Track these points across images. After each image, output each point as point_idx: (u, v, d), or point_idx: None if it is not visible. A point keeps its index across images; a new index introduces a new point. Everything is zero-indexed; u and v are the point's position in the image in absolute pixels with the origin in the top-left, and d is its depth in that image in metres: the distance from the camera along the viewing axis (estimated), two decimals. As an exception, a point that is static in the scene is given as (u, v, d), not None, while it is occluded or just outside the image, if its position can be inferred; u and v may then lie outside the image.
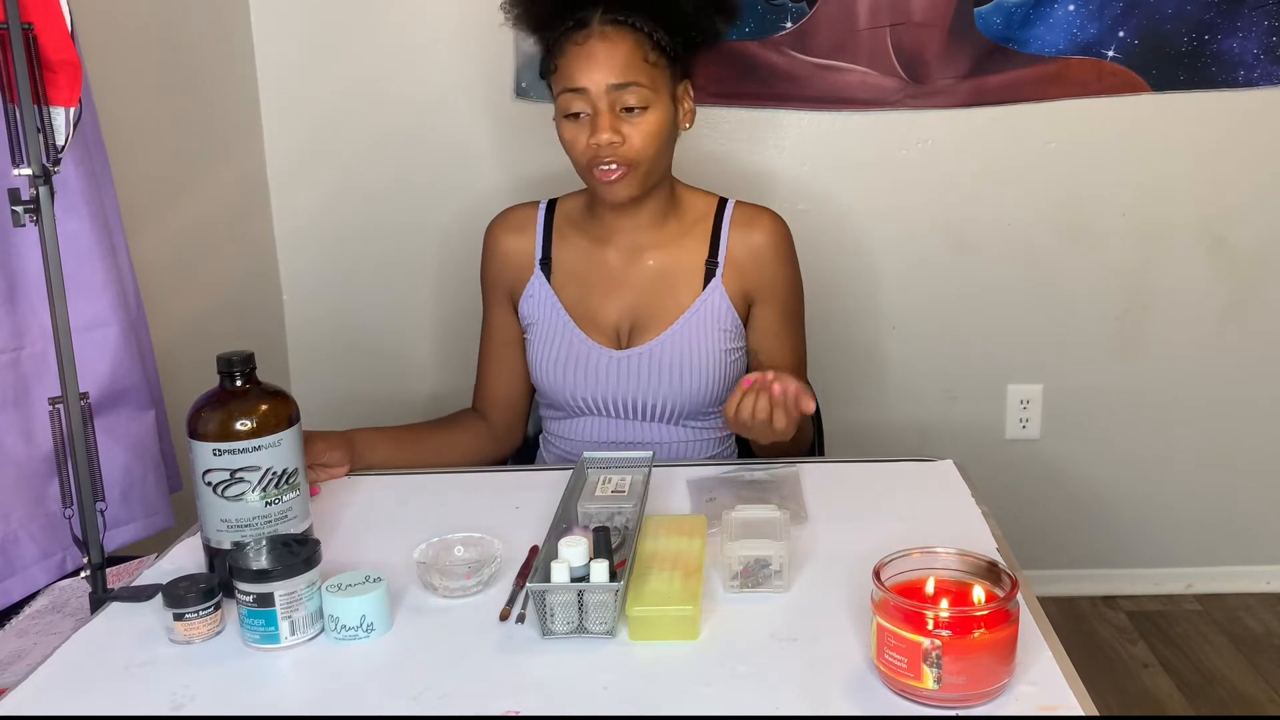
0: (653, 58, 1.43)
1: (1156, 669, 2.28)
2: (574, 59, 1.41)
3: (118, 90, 1.66)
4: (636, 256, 1.55)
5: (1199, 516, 2.52)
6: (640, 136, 1.42)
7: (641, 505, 1.20)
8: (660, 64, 1.44)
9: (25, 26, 1.08)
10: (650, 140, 1.43)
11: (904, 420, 2.44)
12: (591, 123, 1.41)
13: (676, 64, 1.47)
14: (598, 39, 1.41)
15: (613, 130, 1.40)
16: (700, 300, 1.53)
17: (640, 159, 1.43)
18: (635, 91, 1.41)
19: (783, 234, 1.56)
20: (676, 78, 1.48)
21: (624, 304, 1.55)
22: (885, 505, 1.31)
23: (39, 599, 1.33)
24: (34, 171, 1.09)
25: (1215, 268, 2.37)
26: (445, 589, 1.10)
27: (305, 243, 2.36)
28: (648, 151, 1.43)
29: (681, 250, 1.55)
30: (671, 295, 1.54)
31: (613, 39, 1.41)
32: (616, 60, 1.40)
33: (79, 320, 1.27)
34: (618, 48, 1.40)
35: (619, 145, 1.41)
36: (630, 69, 1.40)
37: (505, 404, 1.63)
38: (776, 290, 1.56)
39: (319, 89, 2.27)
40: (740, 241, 1.54)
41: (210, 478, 1.09)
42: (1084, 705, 0.91)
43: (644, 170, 1.44)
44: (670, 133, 1.47)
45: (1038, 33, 2.20)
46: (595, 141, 1.41)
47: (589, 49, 1.40)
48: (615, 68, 1.40)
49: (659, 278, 1.54)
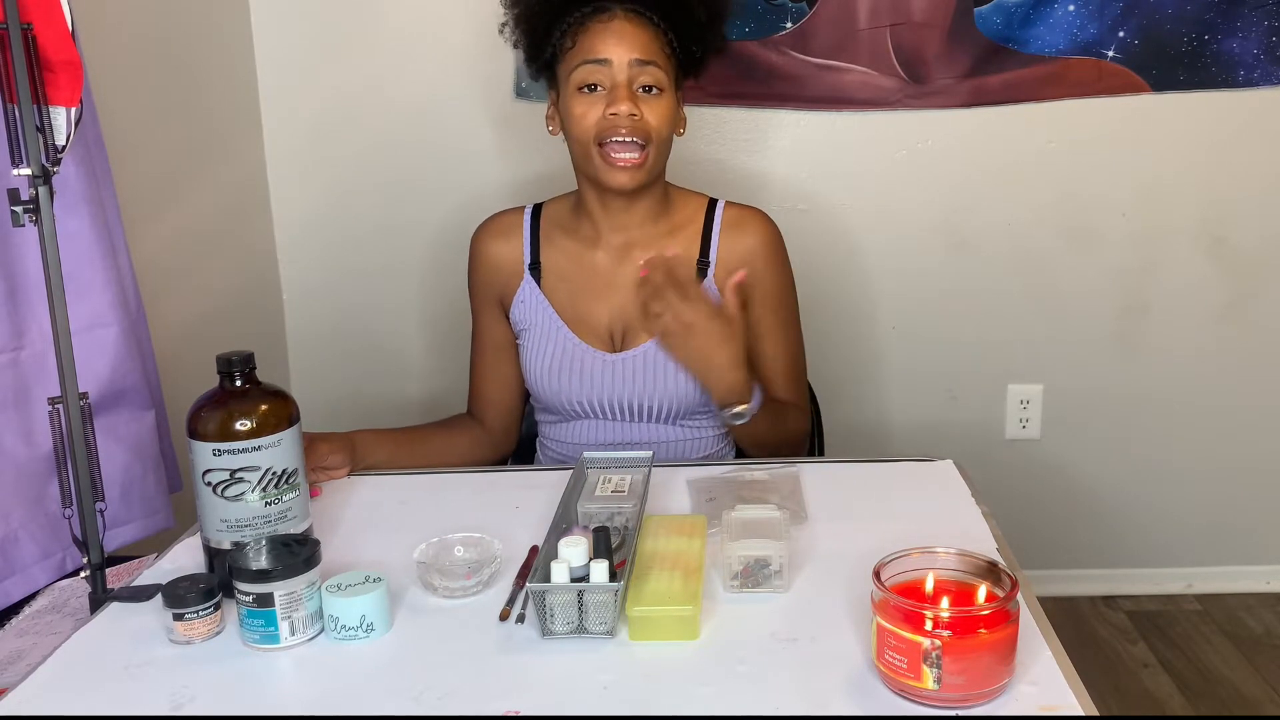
0: (667, 51, 1.46)
1: (1156, 669, 2.28)
2: (598, 34, 1.44)
3: (118, 90, 1.66)
4: (626, 257, 1.55)
5: (1199, 516, 2.52)
6: (656, 117, 1.44)
7: (641, 505, 1.20)
8: (672, 60, 1.47)
9: (25, 26, 1.08)
10: (664, 122, 1.45)
11: (904, 420, 2.44)
12: (610, 94, 1.43)
13: (679, 71, 1.50)
14: (623, 19, 1.44)
15: (632, 102, 1.42)
16: None
17: (655, 138, 1.45)
18: (654, 72, 1.44)
19: (773, 235, 1.56)
20: (679, 80, 1.50)
21: (615, 306, 1.55)
22: (885, 505, 1.31)
23: (39, 599, 1.33)
24: (34, 171, 1.10)
25: (1215, 268, 2.37)
26: (445, 589, 1.10)
27: (305, 243, 2.36)
28: (661, 132, 1.45)
29: (671, 251, 1.54)
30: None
31: (636, 23, 1.44)
32: (641, 39, 1.44)
33: (79, 320, 1.27)
34: (641, 30, 1.44)
35: (638, 119, 1.42)
36: (651, 50, 1.44)
37: (499, 409, 1.63)
38: (769, 291, 1.56)
39: (319, 89, 2.27)
40: (731, 243, 1.54)
41: (210, 478, 1.09)
42: (1084, 705, 0.90)
43: (654, 155, 1.46)
44: (674, 127, 1.49)
45: (1038, 33, 2.20)
46: (614, 111, 1.42)
47: (615, 26, 1.43)
48: (640, 45, 1.43)
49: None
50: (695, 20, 1.48)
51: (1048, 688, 0.93)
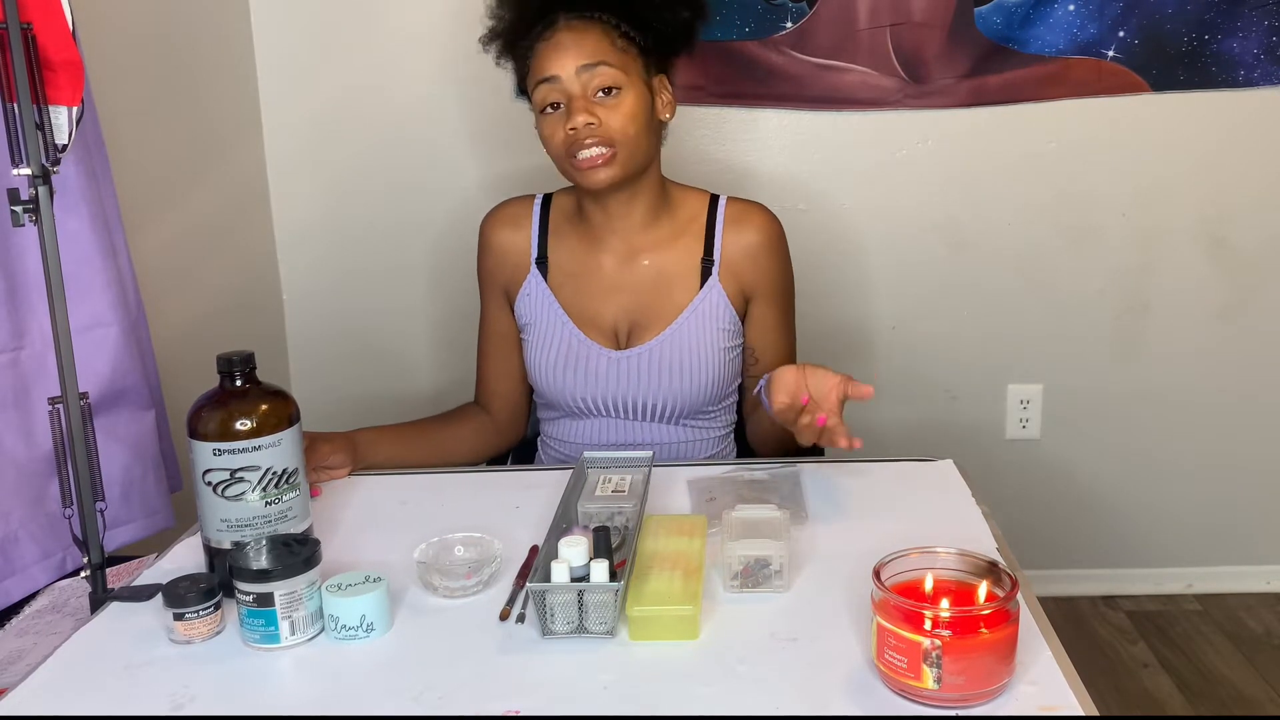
0: (621, 44, 1.44)
1: (1156, 669, 2.28)
2: (543, 52, 1.43)
3: (118, 90, 1.66)
4: (632, 259, 1.55)
5: (1199, 516, 2.52)
6: (617, 118, 1.42)
7: (641, 505, 1.20)
8: (630, 51, 1.44)
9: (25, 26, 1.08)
10: (628, 121, 1.42)
11: (904, 420, 2.44)
12: (566, 109, 1.42)
13: (649, 55, 1.47)
14: (564, 31, 1.43)
15: (587, 113, 1.40)
16: (699, 299, 1.53)
17: (619, 139, 1.42)
18: (604, 72, 1.41)
19: (776, 230, 1.56)
20: (650, 69, 1.48)
21: (621, 305, 1.55)
22: (885, 505, 1.31)
23: (39, 599, 1.33)
24: (33, 171, 1.10)
25: (1215, 268, 2.37)
26: (445, 589, 1.10)
27: (305, 242, 2.36)
28: (626, 132, 1.42)
29: (676, 250, 1.54)
30: (669, 295, 1.54)
31: (579, 29, 1.43)
32: (585, 45, 1.42)
33: (79, 320, 1.27)
34: (585, 35, 1.42)
35: (595, 126, 1.41)
36: (598, 51, 1.42)
37: (506, 397, 1.63)
38: (773, 286, 1.56)
39: (319, 89, 2.27)
40: (734, 239, 1.54)
41: (210, 477, 1.09)
42: (1084, 705, 0.90)
43: (625, 153, 1.43)
44: (648, 118, 1.46)
45: (1038, 33, 2.20)
46: (572, 126, 1.41)
47: (557, 40, 1.42)
48: (584, 51, 1.41)
49: (656, 278, 1.54)
50: (648, 3, 1.45)
51: (1048, 688, 0.93)
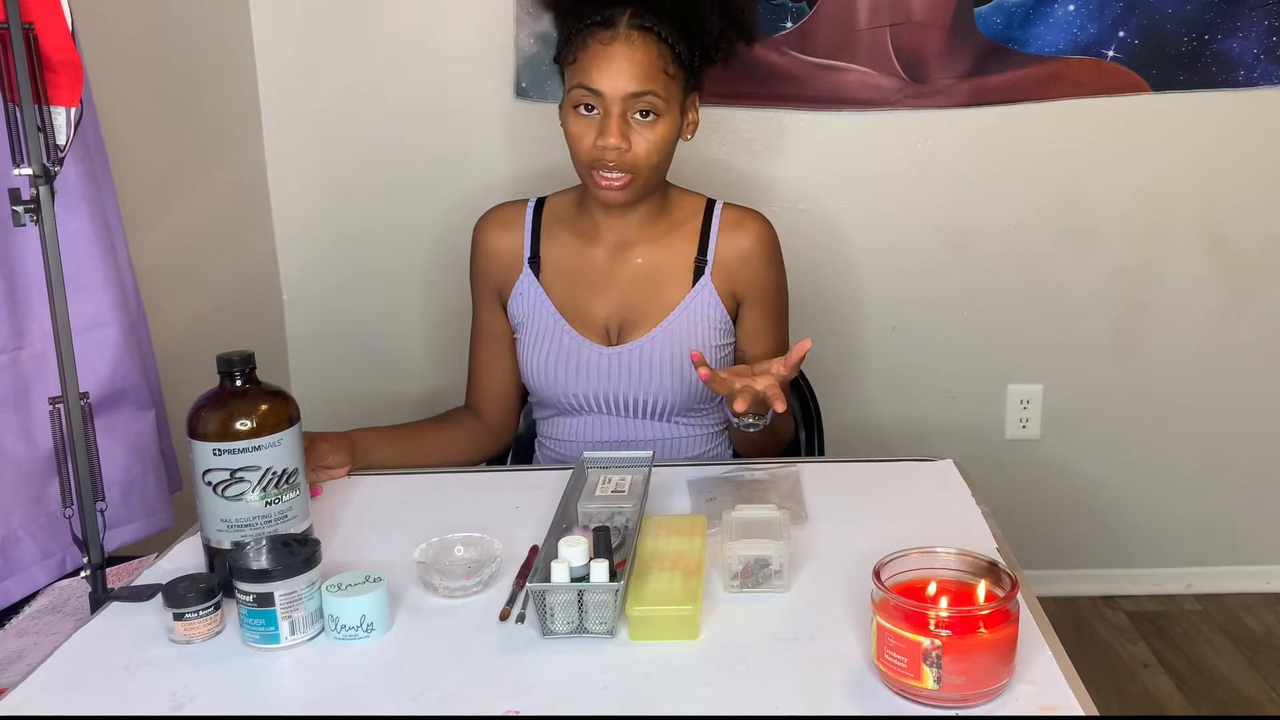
0: (672, 70, 1.43)
1: (1156, 669, 2.28)
2: (596, 58, 1.41)
3: (118, 90, 1.66)
4: (625, 254, 1.55)
5: (1199, 516, 2.52)
6: (646, 145, 1.42)
7: (641, 505, 1.20)
8: (677, 76, 1.44)
9: (26, 26, 1.08)
10: (655, 150, 1.43)
11: (904, 420, 2.44)
12: (600, 124, 1.41)
13: (691, 76, 1.48)
14: (623, 42, 1.40)
15: (621, 136, 1.41)
16: (690, 297, 1.54)
17: (642, 168, 1.43)
18: (649, 101, 1.41)
19: (770, 237, 1.57)
20: (688, 90, 1.48)
21: (613, 301, 1.55)
22: (885, 505, 1.31)
23: (39, 599, 1.33)
24: (34, 171, 1.09)
25: (1215, 268, 2.37)
26: (445, 589, 1.10)
27: (305, 243, 2.36)
28: (651, 161, 1.44)
29: (670, 248, 1.55)
30: (661, 292, 1.54)
31: (637, 45, 1.40)
32: (638, 69, 1.40)
33: (79, 320, 1.27)
34: (640, 55, 1.40)
35: (624, 152, 1.41)
36: (649, 79, 1.40)
37: (497, 400, 1.64)
38: (764, 292, 1.57)
39: (319, 90, 2.27)
40: (728, 244, 1.55)
41: (210, 478, 1.09)
42: (1084, 705, 0.91)
43: (642, 180, 1.45)
44: (673, 144, 1.48)
45: (1038, 32, 2.20)
46: (602, 144, 1.41)
47: (612, 51, 1.40)
48: (636, 76, 1.40)
49: (648, 275, 1.55)
50: (707, 29, 1.46)
51: (1048, 688, 0.93)
